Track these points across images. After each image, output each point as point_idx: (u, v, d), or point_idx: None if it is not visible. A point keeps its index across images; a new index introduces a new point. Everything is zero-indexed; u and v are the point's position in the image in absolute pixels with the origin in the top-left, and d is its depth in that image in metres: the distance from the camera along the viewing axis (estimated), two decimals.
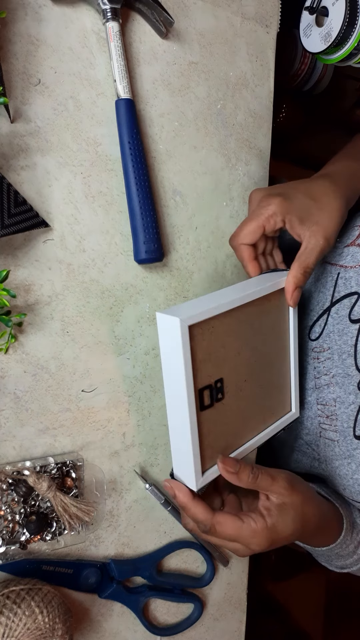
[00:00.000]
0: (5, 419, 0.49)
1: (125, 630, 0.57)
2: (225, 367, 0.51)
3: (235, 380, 0.52)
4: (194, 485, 0.50)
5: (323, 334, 0.62)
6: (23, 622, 0.44)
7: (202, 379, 0.48)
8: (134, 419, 0.56)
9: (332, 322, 0.61)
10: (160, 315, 0.46)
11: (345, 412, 0.58)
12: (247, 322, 0.53)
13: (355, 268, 0.58)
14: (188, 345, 0.45)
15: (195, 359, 0.47)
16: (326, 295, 0.62)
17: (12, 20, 0.50)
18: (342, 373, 0.59)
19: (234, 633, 0.65)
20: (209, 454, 0.51)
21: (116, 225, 0.55)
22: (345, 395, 0.59)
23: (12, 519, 0.48)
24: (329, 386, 0.61)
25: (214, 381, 0.50)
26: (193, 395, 0.47)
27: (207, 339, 0.48)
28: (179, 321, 0.44)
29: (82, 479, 0.52)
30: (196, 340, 0.46)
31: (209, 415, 0.50)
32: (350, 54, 0.60)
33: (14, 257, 0.50)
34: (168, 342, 0.46)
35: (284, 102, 1.10)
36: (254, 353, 0.55)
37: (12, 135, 0.49)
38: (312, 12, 0.60)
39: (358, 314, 0.57)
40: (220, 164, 0.63)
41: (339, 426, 0.59)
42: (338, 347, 0.60)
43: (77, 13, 0.53)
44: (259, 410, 0.57)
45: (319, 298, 0.63)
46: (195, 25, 0.60)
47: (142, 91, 0.57)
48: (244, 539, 0.48)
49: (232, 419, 0.53)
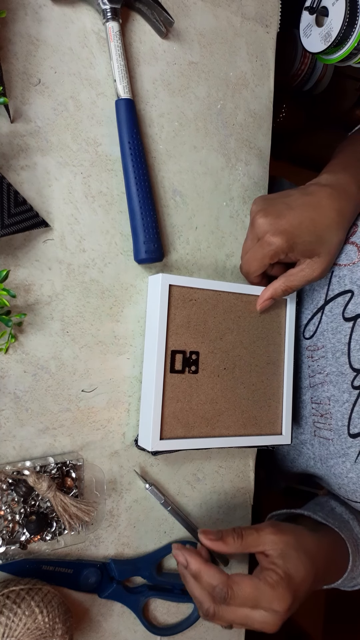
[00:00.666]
0: (5, 419, 0.49)
1: (125, 630, 0.57)
2: (204, 344, 0.56)
3: (214, 362, 0.56)
4: (149, 446, 0.52)
5: (317, 333, 0.62)
6: (23, 622, 0.44)
7: (177, 342, 0.54)
8: (134, 419, 0.56)
9: (326, 320, 0.61)
10: (151, 277, 0.55)
11: (340, 411, 0.58)
12: (232, 313, 0.58)
13: (349, 266, 0.58)
14: (166, 300, 0.53)
15: (173, 320, 0.54)
16: (320, 294, 0.62)
17: (12, 20, 0.50)
18: (336, 371, 0.59)
19: (234, 633, 0.65)
20: (172, 423, 0.54)
21: (116, 225, 0.55)
22: (339, 394, 0.59)
23: (12, 518, 0.48)
24: (323, 384, 0.61)
25: (189, 351, 0.55)
26: (163, 352, 0.53)
27: (188, 308, 0.55)
28: (161, 276, 0.53)
29: (82, 478, 0.52)
30: (176, 303, 0.54)
31: (177, 381, 0.54)
32: (350, 54, 0.60)
33: (14, 257, 0.50)
34: (152, 300, 0.54)
35: (284, 102, 1.10)
36: (239, 346, 0.58)
37: (12, 135, 0.49)
38: (312, 12, 0.60)
39: (352, 311, 0.57)
40: (220, 164, 0.63)
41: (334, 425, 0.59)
42: (332, 345, 0.60)
43: (77, 13, 0.53)
44: (239, 410, 0.58)
45: (313, 296, 0.64)
46: (195, 25, 0.60)
47: (142, 91, 0.57)
48: (265, 598, 0.46)
49: (203, 400, 0.56)
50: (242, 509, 0.65)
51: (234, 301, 0.57)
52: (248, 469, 0.65)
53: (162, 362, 0.52)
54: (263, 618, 0.47)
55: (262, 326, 0.60)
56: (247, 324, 0.59)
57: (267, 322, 0.60)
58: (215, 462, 0.62)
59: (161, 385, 0.52)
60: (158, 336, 0.52)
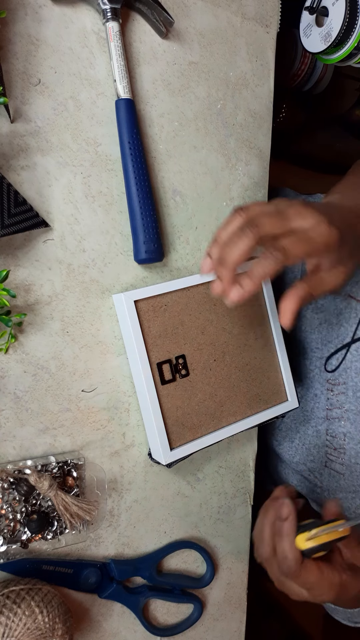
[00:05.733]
0: (5, 419, 0.49)
1: (125, 630, 0.57)
2: (187, 344, 0.55)
3: (202, 358, 0.56)
4: (162, 460, 0.52)
5: (340, 369, 0.61)
6: (23, 622, 0.44)
7: (160, 353, 0.53)
8: (134, 419, 0.56)
9: (350, 359, 0.60)
10: (114, 296, 0.53)
11: (354, 449, 0.58)
12: (206, 304, 0.56)
13: None
14: (136, 318, 0.51)
15: (150, 334, 0.52)
16: (348, 331, 0.61)
17: (12, 20, 0.50)
18: (354, 410, 0.58)
19: (234, 633, 0.65)
20: (178, 431, 0.54)
21: (116, 225, 0.55)
22: (356, 432, 0.58)
23: (13, 517, 0.48)
24: (340, 420, 0.60)
25: (174, 357, 0.54)
26: (149, 368, 0.52)
27: (161, 315, 0.53)
28: (124, 296, 0.51)
29: (83, 478, 0.52)
30: (147, 316, 0.52)
31: (171, 390, 0.53)
32: (350, 54, 0.60)
33: (14, 257, 0.50)
34: (122, 319, 0.53)
35: (284, 102, 1.10)
36: (223, 334, 0.57)
37: (12, 135, 0.49)
38: (312, 12, 0.60)
39: None
40: (220, 164, 0.63)
41: (347, 460, 0.59)
42: (354, 384, 0.59)
43: (77, 13, 0.53)
44: (240, 394, 0.58)
45: (339, 331, 0.62)
46: (195, 25, 0.60)
47: (142, 91, 0.57)
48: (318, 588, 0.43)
49: (202, 398, 0.55)
50: (242, 509, 0.65)
51: (204, 292, 0.56)
52: (248, 469, 0.65)
53: (150, 378, 0.52)
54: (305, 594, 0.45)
55: (241, 305, 0.58)
56: (224, 309, 0.57)
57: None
58: (215, 462, 0.62)
59: (156, 400, 0.52)
60: (139, 354, 0.51)
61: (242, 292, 0.43)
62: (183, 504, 0.60)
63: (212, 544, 0.63)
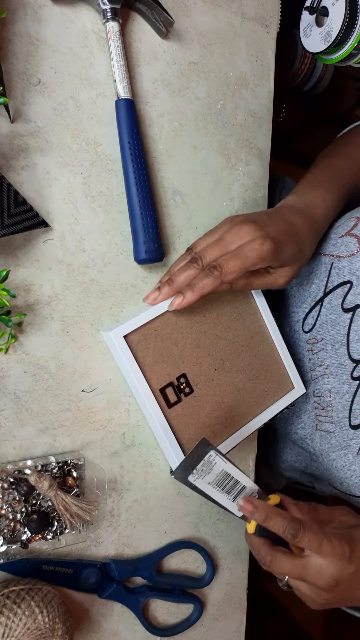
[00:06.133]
0: (5, 419, 0.49)
1: (125, 630, 0.57)
2: (185, 362, 0.54)
3: (202, 371, 0.55)
4: (186, 480, 0.51)
5: (316, 325, 0.62)
6: (23, 622, 0.44)
7: (161, 378, 0.53)
8: (134, 419, 0.56)
9: (325, 313, 0.61)
10: (103, 334, 0.53)
11: (340, 402, 0.59)
12: (196, 317, 0.56)
13: (349, 257, 0.58)
14: (129, 353, 0.50)
15: (146, 363, 0.52)
16: (319, 286, 0.62)
17: (12, 20, 0.50)
18: (335, 363, 0.59)
19: (234, 633, 0.65)
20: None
21: (116, 225, 0.55)
22: (340, 385, 0.59)
23: (13, 517, 0.48)
24: (324, 377, 0.61)
25: (175, 378, 0.53)
26: (153, 397, 0.51)
27: (153, 341, 0.52)
28: (112, 334, 0.50)
29: (83, 478, 0.52)
30: (140, 346, 0.52)
31: (179, 411, 0.53)
32: (350, 54, 0.60)
33: (14, 257, 0.50)
34: (116, 355, 0.52)
35: (284, 102, 1.11)
36: (218, 341, 0.57)
37: (12, 135, 0.49)
38: (312, 12, 0.60)
39: (351, 302, 0.58)
40: (220, 164, 0.63)
41: (335, 417, 0.59)
42: (331, 337, 0.60)
43: (77, 13, 0.53)
44: (247, 394, 0.58)
45: (311, 289, 0.64)
46: (195, 25, 0.60)
47: (142, 91, 0.57)
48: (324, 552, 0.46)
49: (210, 409, 0.55)
50: None
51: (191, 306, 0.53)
52: (248, 469, 0.65)
53: (156, 406, 0.52)
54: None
55: (230, 307, 0.58)
56: (214, 316, 0.57)
57: (232, 300, 0.58)
58: None
59: (166, 425, 0.52)
60: (139, 385, 0.51)
61: (182, 300, 0.49)
62: (183, 504, 0.60)
63: (212, 544, 0.63)
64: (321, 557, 0.46)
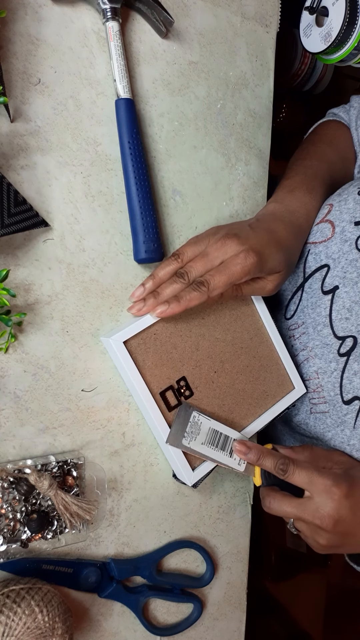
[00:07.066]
0: (5, 418, 0.50)
1: (125, 630, 0.57)
2: (185, 365, 0.55)
3: (202, 374, 0.56)
4: (188, 482, 0.52)
5: (297, 311, 0.64)
6: (23, 621, 0.44)
7: (161, 382, 0.53)
8: (134, 418, 0.56)
9: (306, 297, 0.62)
10: (103, 339, 0.53)
11: (330, 381, 0.59)
12: (195, 321, 0.56)
13: (324, 242, 0.59)
14: (129, 359, 0.51)
15: (146, 367, 0.52)
16: (298, 274, 0.64)
17: (12, 20, 0.50)
18: (319, 344, 0.60)
19: (233, 633, 0.65)
20: None
21: (116, 225, 0.55)
22: (326, 365, 0.60)
23: (13, 517, 0.48)
24: (308, 360, 0.62)
25: (175, 381, 0.53)
26: (153, 400, 0.52)
27: (153, 346, 0.53)
28: (112, 341, 0.50)
29: (83, 477, 0.52)
30: (139, 351, 0.52)
31: None
32: (350, 54, 0.60)
33: (14, 256, 0.50)
34: (116, 360, 0.52)
35: (284, 102, 1.11)
36: (217, 344, 0.57)
37: (12, 135, 0.49)
38: (312, 12, 0.60)
39: (329, 284, 0.59)
40: (220, 164, 0.63)
41: (327, 396, 0.60)
42: (312, 320, 0.61)
43: (77, 13, 0.53)
44: (247, 396, 0.58)
45: (291, 278, 0.65)
46: (195, 25, 0.60)
47: (142, 91, 0.57)
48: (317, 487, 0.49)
49: (212, 412, 0.56)
50: (242, 508, 0.65)
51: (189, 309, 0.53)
52: None
53: (157, 409, 0.52)
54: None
55: (228, 309, 0.58)
56: (213, 319, 0.57)
57: (230, 302, 0.58)
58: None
59: (167, 428, 0.52)
60: (140, 390, 0.51)
61: (166, 308, 0.49)
62: (183, 503, 0.60)
63: (211, 543, 0.63)
64: (317, 495, 0.49)
